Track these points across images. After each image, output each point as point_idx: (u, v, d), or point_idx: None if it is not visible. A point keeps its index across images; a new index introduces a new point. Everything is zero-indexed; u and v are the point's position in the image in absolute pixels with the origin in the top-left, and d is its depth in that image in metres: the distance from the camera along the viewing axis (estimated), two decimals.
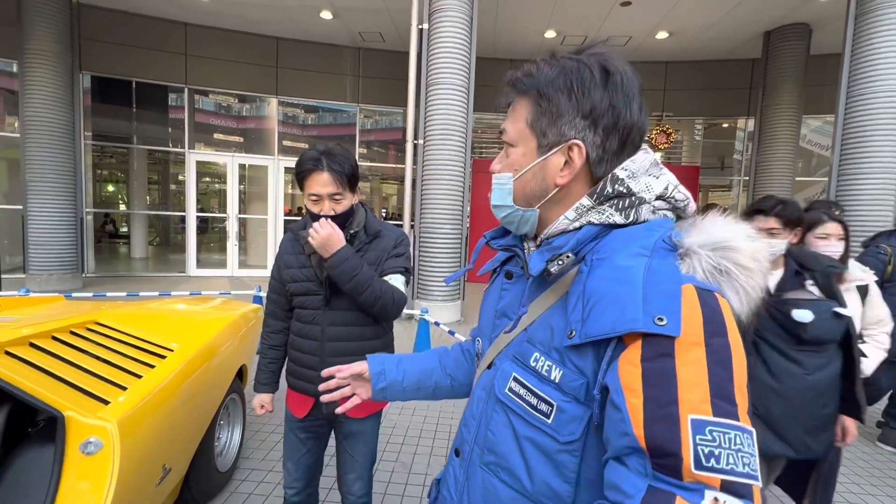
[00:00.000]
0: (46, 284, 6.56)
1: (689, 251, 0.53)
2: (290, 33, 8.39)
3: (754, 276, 0.52)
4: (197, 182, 8.56)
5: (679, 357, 0.46)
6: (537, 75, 0.61)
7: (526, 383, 0.58)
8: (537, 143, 0.62)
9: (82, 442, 1.23)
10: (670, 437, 0.43)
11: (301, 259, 1.44)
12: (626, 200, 0.59)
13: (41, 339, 1.52)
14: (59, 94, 6.59)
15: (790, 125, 7.34)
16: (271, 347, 1.53)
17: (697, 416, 0.43)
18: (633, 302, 0.48)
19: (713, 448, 0.42)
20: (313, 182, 1.35)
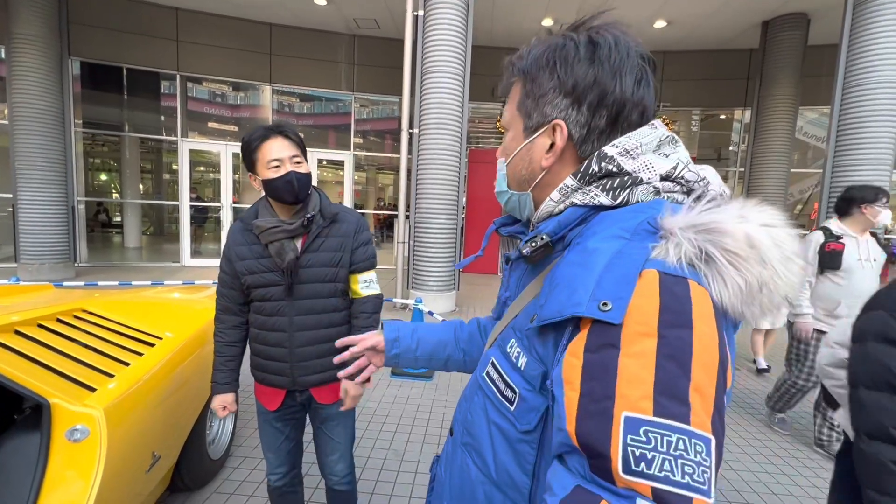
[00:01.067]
0: (38, 274, 6.50)
1: (669, 233, 0.46)
2: (284, 19, 8.25)
3: (747, 265, 0.44)
4: (191, 171, 8.47)
5: (624, 348, 0.41)
6: (527, 56, 0.60)
7: (499, 369, 0.58)
8: (523, 125, 0.61)
9: (68, 429, 1.23)
10: (600, 435, 0.39)
11: (256, 249, 1.35)
12: (615, 180, 0.53)
13: (26, 326, 1.50)
14: (47, 80, 6.47)
15: (786, 116, 7.32)
16: (227, 345, 1.44)
17: (633, 414, 0.38)
18: (584, 286, 0.44)
19: (645, 451, 0.37)
20: (270, 149, 1.29)
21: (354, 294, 1.47)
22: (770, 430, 2.96)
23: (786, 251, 0.46)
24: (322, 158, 9.42)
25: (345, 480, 1.53)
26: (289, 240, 1.34)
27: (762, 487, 2.33)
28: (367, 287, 1.46)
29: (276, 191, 1.31)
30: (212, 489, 2.10)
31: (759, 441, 2.82)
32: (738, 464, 2.54)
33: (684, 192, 0.54)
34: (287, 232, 1.32)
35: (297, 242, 1.36)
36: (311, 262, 1.36)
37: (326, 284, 1.39)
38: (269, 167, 1.30)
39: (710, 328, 0.42)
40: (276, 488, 1.53)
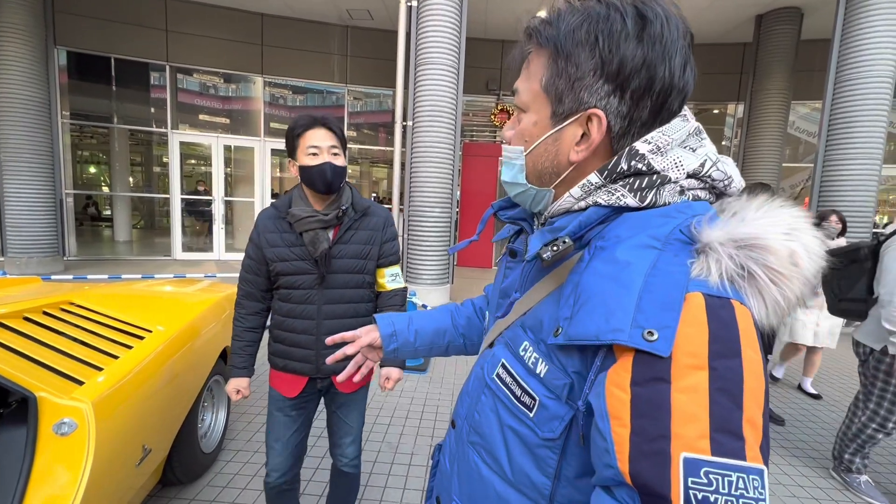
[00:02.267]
0: (26, 268, 6.41)
1: (708, 247, 0.43)
2: (275, 9, 8.13)
3: (789, 283, 0.42)
4: (181, 164, 8.36)
5: (675, 382, 0.38)
6: (557, 24, 0.50)
7: (513, 372, 0.54)
8: (552, 110, 0.52)
9: (56, 423, 1.21)
10: (658, 476, 0.37)
11: (288, 238, 1.39)
12: (643, 179, 0.48)
13: (11, 319, 1.47)
14: (32, 70, 6.33)
15: (779, 111, 7.36)
16: (248, 330, 1.48)
17: (692, 455, 0.37)
18: (622, 308, 0.41)
19: (708, 493, 0.36)
20: (311, 136, 1.34)
21: (381, 287, 1.52)
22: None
23: (816, 259, 0.44)
24: None
25: (353, 463, 1.58)
26: (323, 230, 1.38)
27: None
28: (394, 280, 1.52)
29: (311, 178, 1.34)
30: (204, 482, 2.09)
31: None
32: None
33: (707, 189, 0.52)
34: (322, 222, 1.36)
35: (330, 233, 1.41)
36: (342, 253, 1.41)
37: (355, 275, 1.43)
38: (308, 153, 1.33)
39: (756, 353, 0.40)
40: (276, 486, 1.50)
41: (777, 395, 3.48)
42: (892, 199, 9.83)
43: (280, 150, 9.26)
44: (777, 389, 3.61)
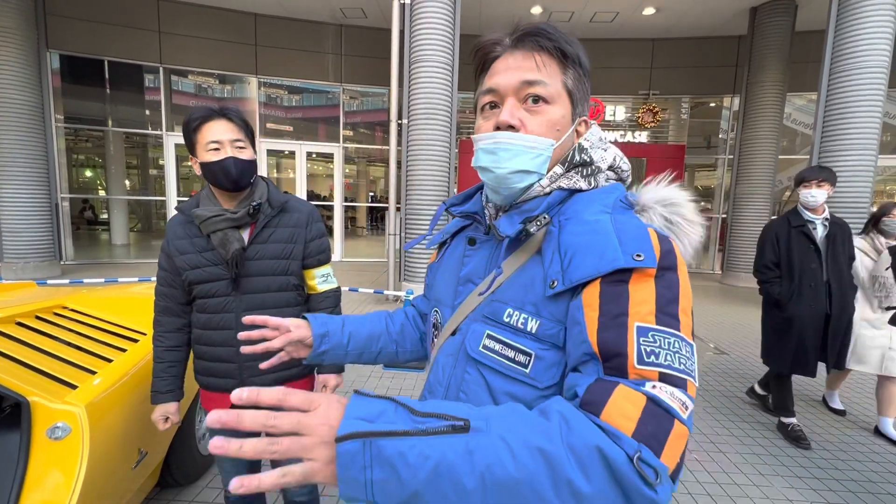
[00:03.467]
0: (23, 272, 6.39)
1: (645, 207, 0.62)
2: (269, 9, 8.10)
3: (695, 227, 0.62)
4: (177, 166, 8.33)
5: (633, 283, 0.52)
6: (574, 44, 0.64)
7: (501, 338, 0.60)
8: (572, 109, 0.65)
9: (49, 427, 1.20)
10: (619, 340, 0.50)
11: (199, 242, 1.26)
12: (588, 168, 0.66)
13: (5, 324, 1.47)
14: (25, 73, 6.30)
15: (775, 103, 7.36)
16: (169, 349, 1.32)
17: (643, 324, 0.50)
18: (610, 246, 0.54)
19: (654, 348, 0.49)
20: (210, 130, 1.20)
21: (311, 290, 1.39)
22: (757, 413, 3.00)
23: (702, 219, 0.63)
24: (311, 151, 9.32)
25: (305, 490, 1.41)
26: (233, 229, 1.24)
27: (750, 469, 2.37)
28: (325, 282, 1.40)
29: (214, 175, 1.21)
30: (202, 484, 2.09)
31: (746, 424, 2.86)
32: (727, 446, 2.58)
33: (618, 178, 0.70)
34: (231, 220, 1.23)
35: (245, 234, 1.28)
36: (260, 254, 1.28)
37: (277, 278, 1.30)
38: (208, 149, 1.20)
39: (685, 272, 0.56)
40: (237, 500, 1.40)
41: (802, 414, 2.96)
42: (889, 189, 9.85)
43: (276, 150, 9.24)
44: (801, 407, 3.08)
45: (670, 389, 0.47)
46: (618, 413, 0.45)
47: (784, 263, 2.62)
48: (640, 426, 0.44)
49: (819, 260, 2.55)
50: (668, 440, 0.44)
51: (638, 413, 0.45)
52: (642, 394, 0.46)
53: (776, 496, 2.15)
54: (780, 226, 2.67)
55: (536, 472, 0.40)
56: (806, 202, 2.57)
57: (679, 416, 0.45)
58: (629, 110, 9.29)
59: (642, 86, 9.06)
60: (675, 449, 0.44)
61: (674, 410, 0.45)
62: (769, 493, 2.17)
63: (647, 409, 0.45)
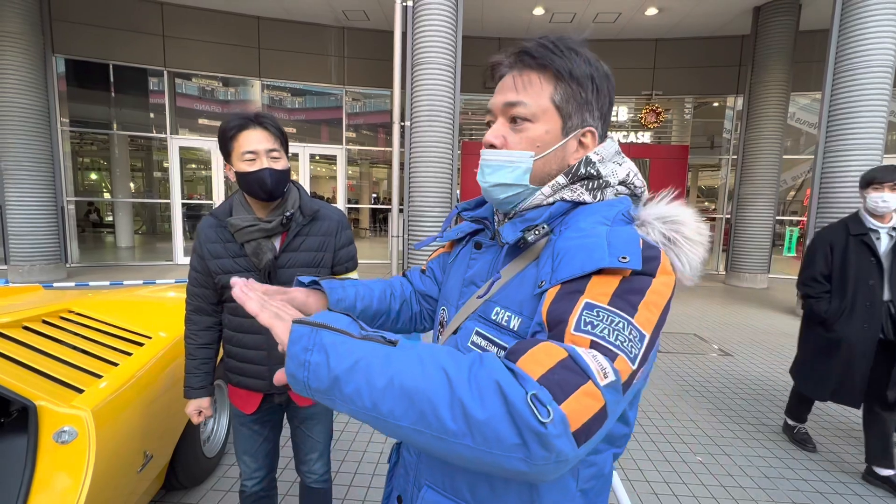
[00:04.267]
0: (29, 275, 6.44)
1: (644, 222, 0.63)
2: (272, 12, 8.13)
3: (695, 246, 0.61)
4: (182, 168, 8.38)
5: (600, 274, 0.54)
6: (564, 56, 0.64)
7: (487, 335, 0.64)
8: (562, 124, 0.65)
9: (56, 431, 1.21)
10: (565, 310, 0.52)
11: (232, 248, 1.28)
12: (595, 182, 0.66)
13: (11, 328, 1.48)
14: (31, 77, 6.36)
15: (778, 103, 7.32)
16: (201, 347, 1.36)
17: (592, 301, 0.51)
18: (599, 247, 0.55)
19: (594, 320, 0.50)
20: (246, 140, 1.22)
21: None
22: (762, 416, 2.99)
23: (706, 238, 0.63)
24: (314, 153, 9.35)
25: (323, 479, 1.49)
26: (266, 239, 1.27)
27: (755, 471, 2.36)
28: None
29: (249, 185, 1.23)
30: (208, 487, 2.10)
31: (751, 426, 2.85)
32: (732, 448, 2.57)
33: (630, 195, 0.69)
34: (264, 231, 1.25)
35: (276, 241, 1.30)
36: (291, 262, 1.30)
37: None
38: (244, 159, 1.22)
39: (668, 283, 0.56)
40: (252, 494, 1.46)
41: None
42: None
43: None
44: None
45: (594, 353, 0.47)
46: (532, 360, 0.47)
47: (836, 277, 2.27)
48: (549, 373, 0.45)
49: (880, 275, 2.18)
50: (574, 393, 0.44)
51: (551, 363, 0.46)
52: (563, 349, 0.47)
53: (782, 499, 2.13)
54: (836, 234, 2.31)
55: (437, 386, 0.44)
56: (874, 207, 2.18)
57: (594, 377, 0.45)
58: (632, 111, 9.27)
59: (645, 86, 9.04)
60: (581, 405, 0.44)
61: (589, 370, 0.45)
62: (775, 496, 2.16)
63: (563, 362, 0.46)
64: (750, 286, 7.64)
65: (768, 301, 6.62)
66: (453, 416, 0.43)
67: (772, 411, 3.05)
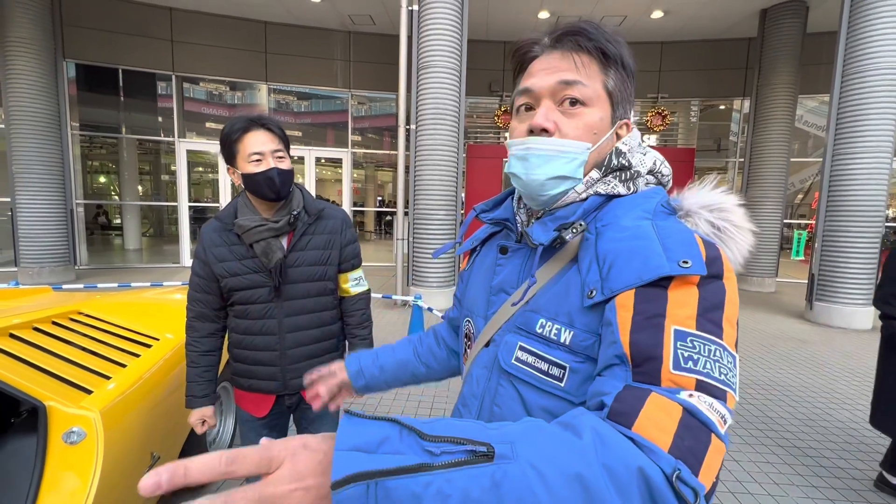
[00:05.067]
0: (38, 277, 6.51)
1: (690, 212, 0.58)
2: (278, 17, 8.21)
3: (745, 234, 0.58)
4: (189, 172, 8.46)
5: (672, 288, 0.49)
6: (618, 44, 0.60)
7: (534, 350, 0.57)
8: (612, 111, 0.62)
9: (65, 432, 1.22)
10: (653, 342, 0.46)
11: (238, 250, 1.29)
12: (627, 173, 0.62)
13: (22, 329, 1.50)
14: (42, 82, 6.46)
15: (786, 105, 7.28)
16: (204, 354, 1.35)
17: (681, 328, 0.46)
18: (654, 252, 0.50)
19: (692, 353, 0.45)
20: (251, 141, 1.23)
21: (344, 293, 1.44)
22: (771, 421, 2.95)
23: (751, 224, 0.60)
24: (320, 156, 9.40)
25: None
26: (275, 238, 1.28)
27: (764, 477, 2.33)
28: (357, 285, 1.45)
29: (257, 186, 1.25)
30: (214, 488, 2.11)
31: (759, 431, 2.82)
32: (740, 454, 2.54)
33: (658, 183, 0.66)
34: (273, 230, 1.27)
35: (283, 241, 1.31)
36: (300, 261, 1.32)
37: (316, 283, 1.34)
38: (250, 161, 1.23)
39: (734, 282, 0.52)
40: None
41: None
42: None
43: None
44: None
45: (709, 400, 0.42)
46: (652, 424, 0.39)
47: None
48: (677, 440, 0.39)
49: None
50: (707, 457, 0.39)
51: (674, 425, 0.40)
52: (678, 403, 0.41)
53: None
54: None
55: (573, 502, 0.34)
56: None
57: (717, 430, 0.41)
58: (637, 114, 9.25)
59: (651, 89, 9.02)
60: (713, 467, 0.39)
61: (712, 424, 0.41)
62: (784, 502, 2.13)
63: (684, 421, 0.40)
64: (758, 290, 7.57)
65: (776, 305, 6.56)
66: None
67: (781, 417, 3.01)
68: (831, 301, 5.41)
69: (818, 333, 5.10)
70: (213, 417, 1.38)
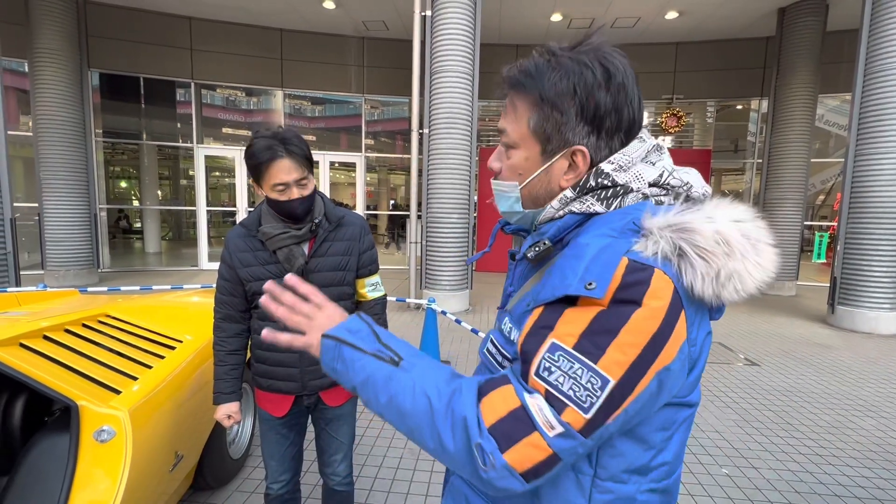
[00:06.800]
0: (64, 280, 6.72)
1: (648, 231, 0.55)
2: (294, 24, 8.36)
3: (713, 257, 0.52)
4: (207, 176, 8.64)
5: (577, 306, 0.53)
6: (538, 77, 0.60)
7: (496, 343, 0.67)
8: (541, 148, 0.62)
9: (96, 430, 1.27)
10: (533, 348, 0.54)
11: (262, 255, 1.34)
12: (608, 191, 0.60)
13: (54, 331, 1.56)
14: (68, 91, 6.68)
15: (805, 105, 7.12)
16: (230, 353, 1.41)
17: (557, 342, 0.52)
18: (574, 271, 0.54)
19: (552, 366, 0.51)
20: (276, 171, 1.26)
21: (361, 297, 1.49)
22: (791, 428, 2.89)
23: (754, 241, 0.55)
24: (334, 161, 9.52)
25: (346, 481, 1.53)
26: (297, 245, 1.34)
27: (784, 486, 2.28)
28: (374, 290, 1.50)
29: (279, 210, 1.32)
30: (233, 487, 2.15)
31: (780, 438, 2.76)
32: (760, 461, 2.50)
33: (670, 195, 0.62)
34: (295, 238, 1.32)
35: (305, 247, 1.37)
36: (320, 267, 1.37)
37: (335, 288, 1.39)
38: (275, 189, 1.28)
39: (654, 314, 0.50)
40: (278, 496, 1.50)
41: None
42: None
43: None
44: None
45: (543, 405, 0.51)
46: (490, 405, 0.53)
47: None
48: (499, 423, 0.51)
49: None
50: (518, 444, 0.50)
51: (504, 412, 0.52)
52: (519, 399, 0.52)
53: None
54: None
55: (422, 414, 0.55)
56: None
57: (540, 428, 0.50)
58: (652, 115, 9.15)
59: (665, 90, 8.92)
60: (524, 454, 0.50)
61: (536, 421, 0.50)
62: None
63: (514, 412, 0.51)
64: (777, 294, 7.41)
65: (797, 309, 6.41)
66: (433, 440, 0.54)
67: (802, 424, 2.95)
68: (854, 305, 5.27)
69: (841, 338, 4.98)
70: (238, 413, 1.43)
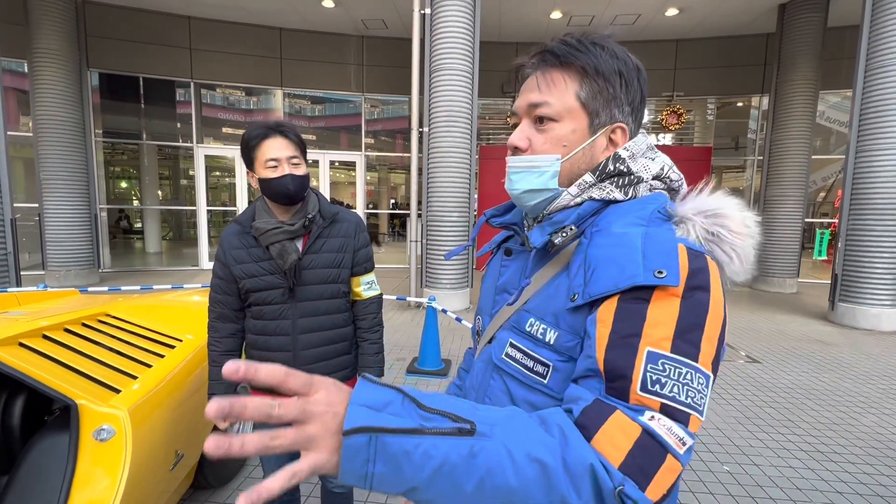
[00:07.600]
0: (64, 280, 6.73)
1: (683, 218, 0.58)
2: (293, 23, 8.35)
3: (745, 240, 0.57)
4: (207, 176, 8.64)
5: (653, 302, 0.50)
6: (588, 52, 0.62)
7: (522, 347, 0.62)
8: (589, 121, 0.63)
9: (95, 429, 1.27)
10: (625, 362, 0.48)
11: (255, 252, 1.33)
12: (625, 178, 0.62)
13: (54, 331, 1.56)
14: (68, 91, 6.68)
15: (806, 102, 7.11)
16: (225, 353, 1.39)
17: (654, 350, 0.48)
18: (632, 260, 0.52)
19: (661, 377, 0.47)
20: (269, 148, 1.28)
21: (356, 296, 1.48)
22: (793, 425, 2.89)
23: (754, 230, 0.59)
24: (334, 160, 9.51)
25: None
26: (290, 241, 1.33)
27: (786, 482, 2.28)
28: (370, 288, 1.48)
29: (272, 190, 1.30)
30: (233, 487, 2.15)
31: (781, 435, 2.76)
32: (762, 458, 2.49)
33: (667, 189, 0.66)
34: (289, 233, 1.32)
35: (298, 244, 1.36)
36: (314, 263, 1.36)
37: (329, 285, 1.38)
38: (267, 166, 1.28)
39: (720, 293, 0.52)
40: (277, 497, 1.50)
41: None
42: None
43: None
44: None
45: (669, 423, 0.45)
46: (608, 441, 0.45)
47: None
48: (629, 458, 0.44)
49: None
50: (657, 474, 0.44)
51: (629, 445, 0.44)
52: (638, 425, 0.45)
53: None
54: None
55: (533, 482, 0.41)
56: None
57: (673, 450, 0.45)
58: (652, 112, 9.14)
59: (666, 87, 8.90)
60: (663, 482, 0.44)
61: (668, 445, 0.45)
62: None
63: (640, 441, 0.45)
64: (779, 291, 7.40)
65: (798, 306, 6.40)
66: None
67: (804, 421, 2.94)
68: (855, 302, 5.26)
69: (842, 335, 4.97)
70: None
